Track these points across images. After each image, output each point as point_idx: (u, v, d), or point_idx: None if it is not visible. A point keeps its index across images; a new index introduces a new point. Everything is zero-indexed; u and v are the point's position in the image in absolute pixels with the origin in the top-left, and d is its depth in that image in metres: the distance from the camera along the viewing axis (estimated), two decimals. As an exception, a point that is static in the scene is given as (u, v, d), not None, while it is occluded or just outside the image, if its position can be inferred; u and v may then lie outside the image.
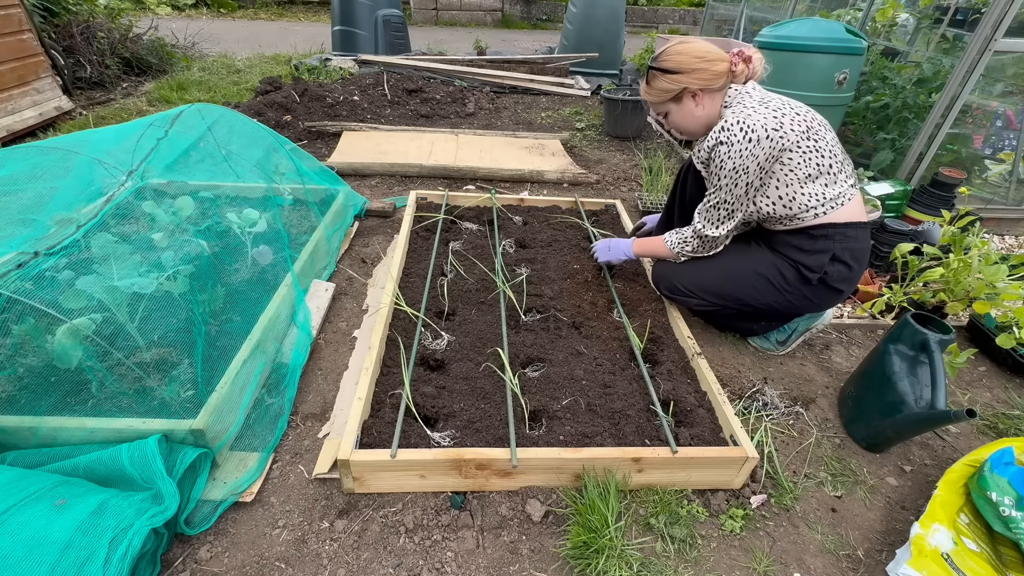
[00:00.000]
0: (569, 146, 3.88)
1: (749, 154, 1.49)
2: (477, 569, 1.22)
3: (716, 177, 1.59)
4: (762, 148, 1.48)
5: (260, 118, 3.64)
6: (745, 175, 1.53)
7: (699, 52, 1.57)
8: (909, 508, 1.45)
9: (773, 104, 1.54)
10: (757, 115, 1.50)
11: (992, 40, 2.37)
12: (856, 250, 1.61)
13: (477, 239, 2.39)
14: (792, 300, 1.68)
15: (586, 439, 1.40)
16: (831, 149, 1.54)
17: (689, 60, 1.56)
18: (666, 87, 1.61)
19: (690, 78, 1.57)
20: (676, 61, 1.58)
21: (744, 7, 5.34)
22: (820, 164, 1.52)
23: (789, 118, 1.50)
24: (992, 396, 1.87)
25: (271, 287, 1.79)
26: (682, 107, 1.64)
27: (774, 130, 1.48)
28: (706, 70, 1.56)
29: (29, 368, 1.42)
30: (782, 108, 1.53)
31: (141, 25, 5.48)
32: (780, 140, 1.48)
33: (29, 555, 0.95)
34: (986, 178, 3.06)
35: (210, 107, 2.10)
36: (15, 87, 3.45)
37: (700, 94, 1.60)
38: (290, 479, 1.39)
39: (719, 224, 1.67)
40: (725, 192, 1.59)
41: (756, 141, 1.48)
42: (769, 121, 1.48)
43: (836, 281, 1.63)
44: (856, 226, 1.59)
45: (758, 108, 1.52)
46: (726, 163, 1.53)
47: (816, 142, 1.52)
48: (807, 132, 1.51)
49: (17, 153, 1.58)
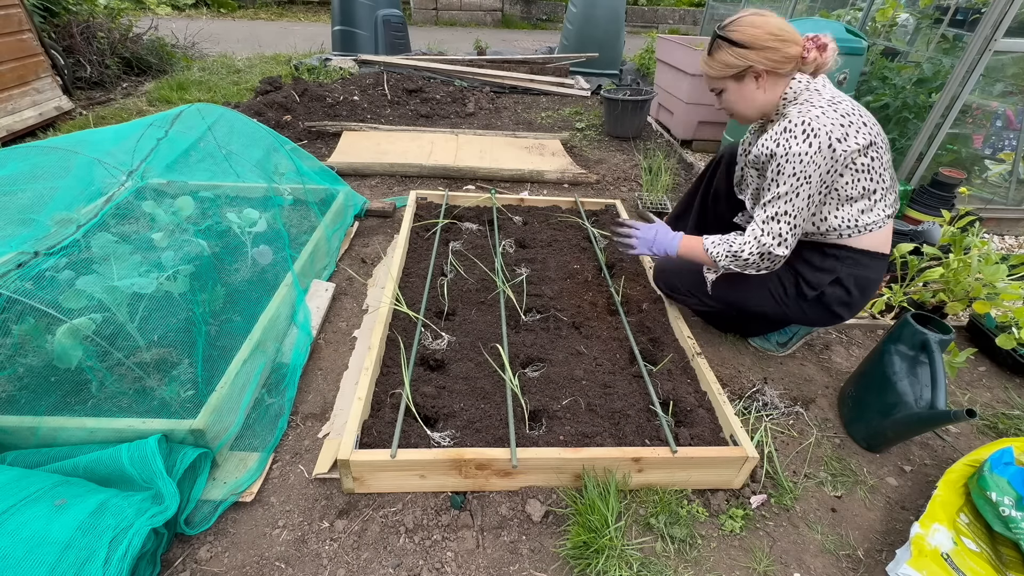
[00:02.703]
0: (569, 146, 3.88)
1: (811, 161, 1.35)
2: (477, 569, 1.22)
3: (774, 183, 1.42)
4: (824, 157, 1.34)
5: (260, 118, 3.64)
6: (807, 185, 1.37)
7: (775, 29, 1.39)
8: (909, 508, 1.45)
9: (843, 108, 1.38)
10: (825, 117, 1.35)
11: (992, 40, 2.37)
12: (863, 279, 1.53)
13: (477, 239, 2.39)
14: (788, 313, 1.66)
15: (586, 439, 1.40)
16: (881, 173, 1.42)
17: (763, 36, 1.39)
18: (731, 61, 1.44)
19: (760, 56, 1.40)
20: (749, 35, 1.40)
21: (744, 7, 5.35)
22: (867, 187, 1.41)
23: (856, 128, 1.36)
24: (992, 396, 1.87)
25: (271, 287, 1.79)
26: (742, 87, 1.47)
27: (839, 140, 1.34)
28: (778, 50, 1.39)
29: (29, 368, 1.42)
30: (850, 115, 1.38)
31: (141, 25, 5.48)
32: (843, 153, 1.35)
33: (29, 555, 0.95)
34: (986, 178, 3.06)
35: (210, 107, 2.10)
36: (15, 87, 3.45)
37: (765, 76, 1.43)
38: (290, 479, 1.39)
39: (781, 240, 1.44)
40: (785, 203, 1.41)
41: (819, 149, 1.33)
42: (836, 129, 1.34)
43: (833, 303, 1.58)
44: (873, 256, 1.51)
45: (827, 110, 1.37)
46: (785, 168, 1.38)
47: (872, 161, 1.39)
48: (867, 148, 1.37)
49: (17, 153, 1.58)
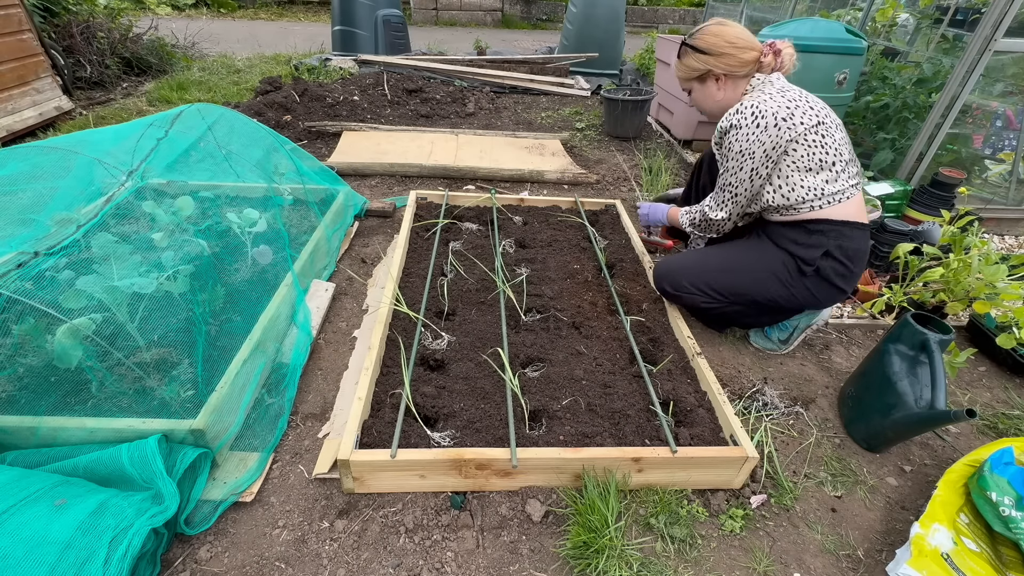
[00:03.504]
0: (569, 146, 3.88)
1: (756, 139, 1.53)
2: (477, 569, 1.22)
3: (725, 159, 1.64)
4: (769, 135, 1.52)
5: (260, 118, 3.64)
6: (751, 160, 1.57)
7: (731, 37, 1.61)
8: (909, 508, 1.45)
9: (790, 95, 1.56)
10: (772, 102, 1.53)
11: (992, 40, 2.37)
12: (851, 249, 1.62)
13: (477, 239, 2.39)
14: (795, 294, 1.69)
15: (586, 439, 1.40)
16: (837, 148, 1.56)
17: (720, 44, 1.61)
18: (694, 65, 1.67)
19: (717, 61, 1.62)
20: (708, 42, 1.62)
21: (744, 7, 5.35)
22: (824, 159, 1.54)
23: (802, 110, 1.53)
24: (992, 396, 1.87)
25: (271, 287, 1.79)
26: (705, 87, 1.69)
27: (783, 119, 1.50)
28: (734, 56, 1.60)
29: (29, 368, 1.42)
30: (797, 100, 1.55)
31: (141, 25, 5.48)
32: (788, 130, 1.51)
33: (29, 555, 0.95)
34: (986, 178, 3.06)
35: (210, 107, 2.10)
36: (15, 87, 3.45)
37: (724, 78, 1.65)
38: (290, 479, 1.39)
39: (720, 207, 1.73)
40: (730, 175, 1.64)
41: (764, 127, 1.52)
42: (781, 110, 1.51)
43: (833, 277, 1.65)
44: (853, 226, 1.61)
45: (775, 96, 1.55)
46: (733, 146, 1.58)
47: (823, 137, 1.54)
48: (816, 127, 1.53)
49: (17, 153, 1.58)
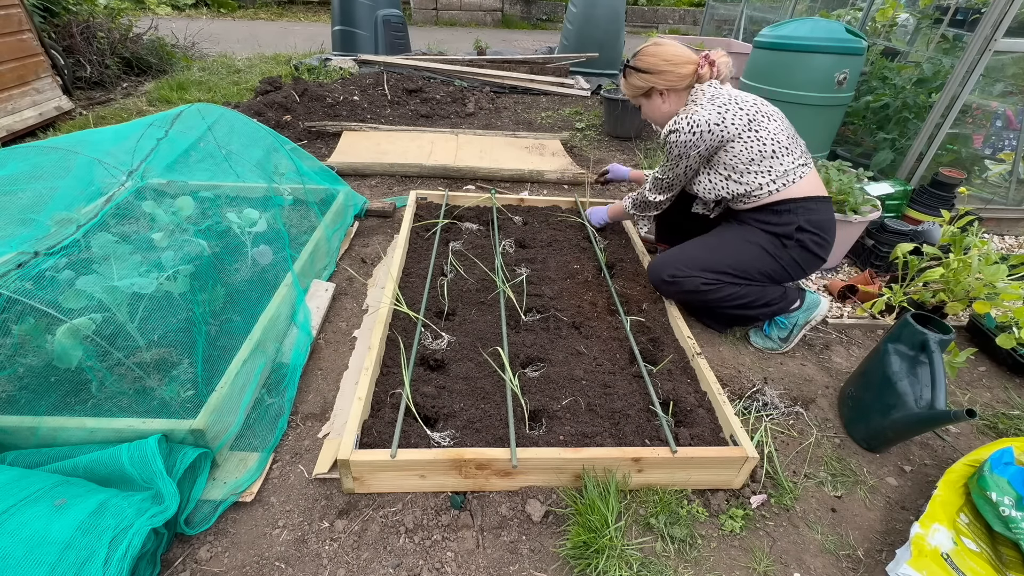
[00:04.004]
0: (569, 146, 3.88)
1: (692, 144, 1.74)
2: (477, 569, 1.22)
3: (666, 158, 1.86)
4: (703, 140, 1.73)
5: (260, 118, 3.64)
6: (685, 160, 1.80)
7: (668, 56, 1.78)
8: (909, 508, 1.45)
9: (720, 100, 1.73)
10: (703, 111, 1.71)
11: (992, 40, 2.37)
12: (819, 221, 1.76)
13: (477, 239, 2.39)
14: (784, 265, 1.81)
15: (586, 439, 1.40)
16: (773, 136, 1.72)
17: (658, 63, 1.78)
18: (638, 84, 1.85)
19: (658, 79, 1.79)
20: (647, 63, 1.81)
21: (744, 7, 5.35)
22: (762, 149, 1.71)
23: (732, 113, 1.71)
24: (992, 396, 1.87)
25: (271, 287, 1.79)
26: (651, 102, 1.88)
27: (716, 125, 1.70)
28: (672, 72, 1.78)
29: (29, 368, 1.42)
30: (727, 104, 1.72)
31: (141, 25, 5.48)
32: (720, 133, 1.71)
33: (29, 555, 0.95)
34: (986, 178, 3.06)
35: (210, 107, 2.10)
36: (15, 87, 3.44)
37: (667, 92, 1.83)
38: (290, 479, 1.39)
39: (659, 193, 1.99)
40: (668, 170, 1.88)
41: (699, 135, 1.72)
42: (712, 116, 1.70)
43: (811, 246, 1.77)
44: (815, 199, 1.76)
45: (705, 105, 1.72)
46: (673, 150, 1.79)
47: (757, 132, 1.71)
48: (749, 124, 1.71)
49: (17, 153, 1.58)
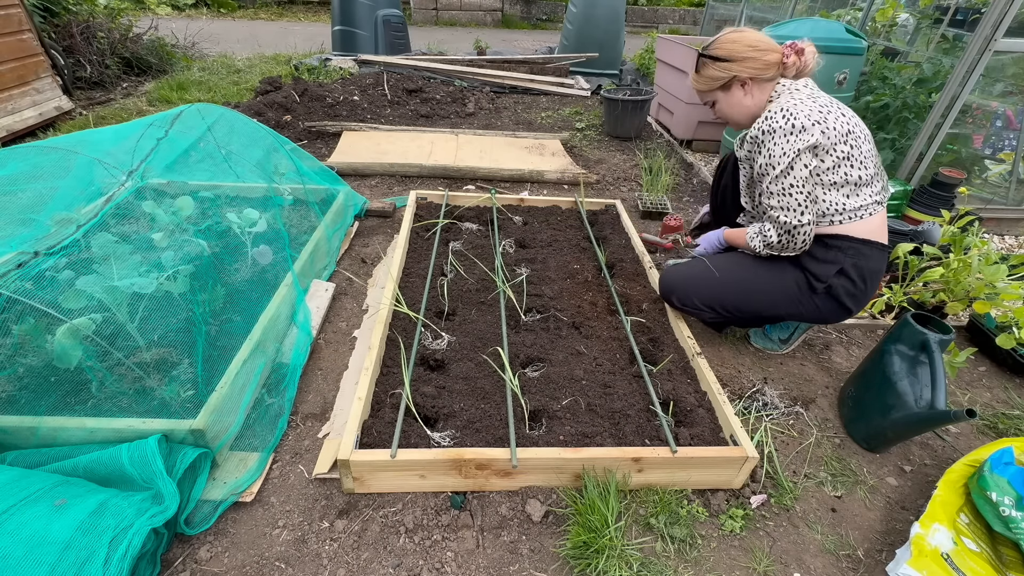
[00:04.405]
0: (569, 146, 3.88)
1: (796, 140, 1.48)
2: (477, 569, 1.22)
3: (769, 167, 1.53)
4: (803, 139, 1.47)
5: (260, 118, 3.64)
6: (800, 157, 1.49)
7: (751, 41, 1.58)
8: (909, 508, 1.45)
9: (821, 100, 1.53)
10: (803, 106, 1.49)
11: (992, 40, 2.37)
12: (866, 269, 1.58)
13: (477, 239, 2.39)
14: (803, 311, 1.68)
15: (586, 439, 1.40)
16: (863, 160, 1.52)
17: (741, 48, 1.57)
18: (716, 75, 1.62)
19: (741, 66, 1.58)
20: (728, 49, 1.59)
21: (744, 7, 5.34)
22: (848, 172, 1.50)
23: (834, 116, 1.49)
24: (992, 396, 1.87)
25: (271, 287, 1.79)
26: (730, 96, 1.64)
27: (816, 123, 1.47)
28: (757, 59, 1.56)
29: (29, 368, 1.42)
30: (828, 106, 1.52)
31: (141, 25, 5.48)
32: (821, 134, 1.47)
33: (29, 555, 0.95)
34: (986, 178, 3.06)
35: (210, 107, 2.10)
36: (15, 87, 3.45)
37: (750, 83, 1.60)
38: (290, 479, 1.39)
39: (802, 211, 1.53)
40: (791, 178, 1.51)
41: (801, 129, 1.47)
42: (813, 114, 1.47)
43: (842, 296, 1.61)
44: (872, 245, 1.57)
45: (805, 100, 1.51)
46: (774, 150, 1.51)
47: (852, 148, 1.50)
48: (847, 136, 1.49)
49: (17, 153, 1.58)
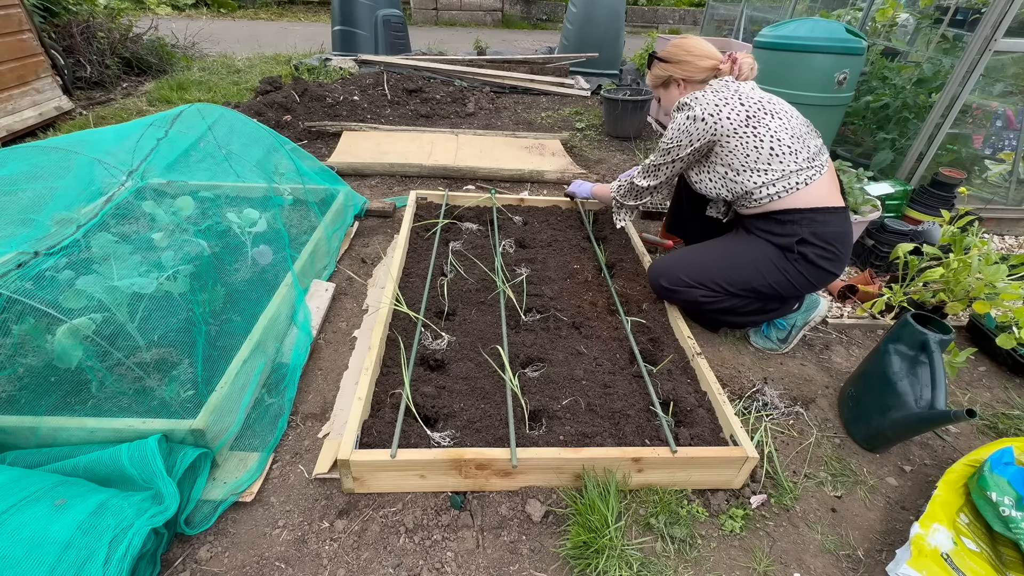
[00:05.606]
0: (569, 146, 3.88)
1: (684, 130, 1.71)
2: (477, 569, 1.22)
3: (660, 142, 1.83)
4: (696, 127, 1.68)
5: (260, 118, 3.64)
6: (677, 148, 1.76)
7: (690, 47, 1.80)
8: (909, 508, 1.45)
9: (723, 94, 1.69)
10: (703, 100, 1.69)
11: (992, 40, 2.37)
12: (827, 233, 1.64)
13: (477, 239, 2.39)
14: (790, 278, 1.71)
15: (586, 439, 1.40)
16: (773, 135, 1.63)
17: (680, 53, 1.81)
18: (658, 73, 1.89)
19: (676, 68, 1.82)
20: (669, 52, 1.84)
21: (744, 7, 5.34)
22: (759, 146, 1.63)
23: (730, 108, 1.65)
24: (992, 396, 1.87)
25: (271, 287, 1.79)
26: (669, 92, 1.90)
27: (709, 115, 1.66)
28: (692, 63, 1.79)
29: (29, 368, 1.42)
30: (728, 100, 1.67)
31: (141, 25, 5.48)
32: (713, 126, 1.66)
33: (29, 555, 0.95)
34: (986, 178, 3.05)
35: (210, 107, 2.10)
36: (15, 87, 3.44)
37: (683, 84, 1.84)
38: (290, 479, 1.39)
39: (646, 178, 1.94)
40: (659, 155, 1.83)
41: (692, 119, 1.68)
42: (709, 107, 1.66)
43: (818, 260, 1.66)
44: (823, 211, 1.64)
45: (708, 95, 1.70)
46: (667, 133, 1.78)
47: (755, 129, 1.64)
48: (746, 120, 1.64)
49: (17, 153, 1.58)
